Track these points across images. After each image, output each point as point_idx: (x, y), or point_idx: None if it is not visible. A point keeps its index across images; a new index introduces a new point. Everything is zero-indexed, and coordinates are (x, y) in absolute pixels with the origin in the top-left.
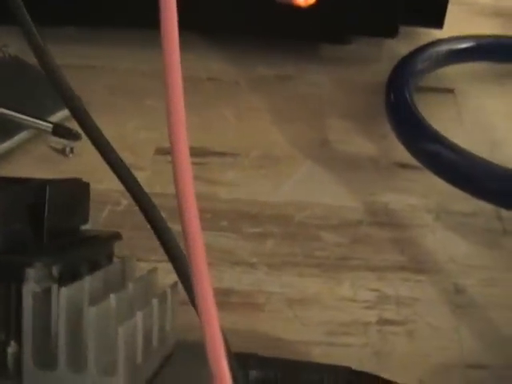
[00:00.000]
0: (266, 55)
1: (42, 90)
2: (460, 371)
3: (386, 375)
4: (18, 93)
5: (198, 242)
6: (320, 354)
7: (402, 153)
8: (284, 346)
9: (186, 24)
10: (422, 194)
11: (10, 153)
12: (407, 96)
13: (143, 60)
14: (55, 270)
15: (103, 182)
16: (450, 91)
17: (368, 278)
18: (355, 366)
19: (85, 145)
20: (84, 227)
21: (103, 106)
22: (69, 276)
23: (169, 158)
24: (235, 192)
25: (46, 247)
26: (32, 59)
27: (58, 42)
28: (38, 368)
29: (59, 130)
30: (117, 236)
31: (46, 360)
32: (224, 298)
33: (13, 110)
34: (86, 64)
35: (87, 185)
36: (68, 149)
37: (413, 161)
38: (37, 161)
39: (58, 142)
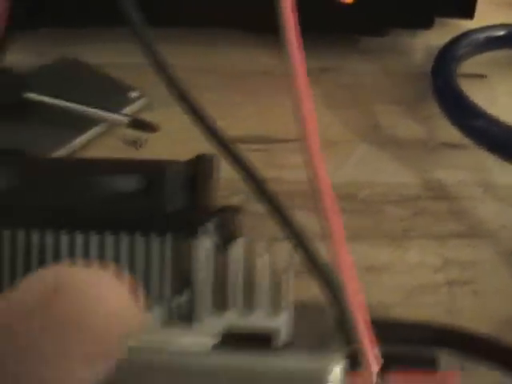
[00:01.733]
0: (307, 50)
1: (103, 91)
2: None
3: None
4: (83, 93)
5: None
6: (399, 315)
7: (447, 133)
8: None
9: (234, 24)
10: (468, 171)
11: (84, 147)
12: (454, 80)
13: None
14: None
15: None
16: (483, 77)
17: (432, 246)
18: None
19: (155, 138)
20: None
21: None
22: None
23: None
24: (301, 174)
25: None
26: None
27: None
28: (209, 312)
29: (136, 123)
30: (238, 209)
31: (219, 304)
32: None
33: (88, 106)
34: None
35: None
36: (139, 141)
37: (458, 140)
38: (107, 154)
39: (131, 134)
